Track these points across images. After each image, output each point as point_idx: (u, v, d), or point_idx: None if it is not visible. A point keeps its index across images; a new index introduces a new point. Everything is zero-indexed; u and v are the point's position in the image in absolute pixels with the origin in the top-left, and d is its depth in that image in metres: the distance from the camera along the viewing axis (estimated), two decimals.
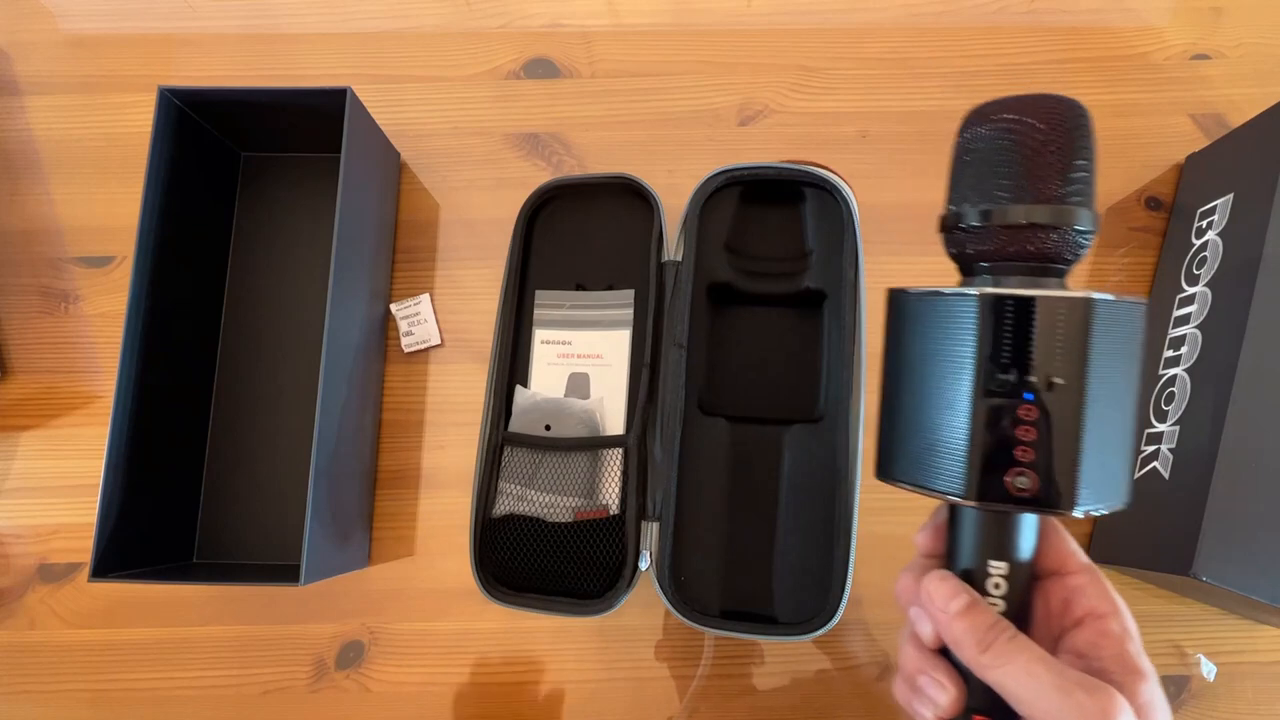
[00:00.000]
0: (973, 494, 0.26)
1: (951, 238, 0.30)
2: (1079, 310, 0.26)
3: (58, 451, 0.52)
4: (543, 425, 0.48)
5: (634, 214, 0.50)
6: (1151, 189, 0.55)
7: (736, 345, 0.50)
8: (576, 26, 0.57)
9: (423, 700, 0.50)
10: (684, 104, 0.56)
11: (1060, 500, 0.26)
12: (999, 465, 0.26)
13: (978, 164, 0.29)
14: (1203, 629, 0.50)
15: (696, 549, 0.46)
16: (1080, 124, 0.28)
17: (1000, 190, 0.28)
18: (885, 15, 0.57)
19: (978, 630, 0.27)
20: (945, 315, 0.28)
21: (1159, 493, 0.46)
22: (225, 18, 0.58)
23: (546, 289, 0.51)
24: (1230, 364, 0.43)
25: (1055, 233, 0.27)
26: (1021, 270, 0.28)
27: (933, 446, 0.27)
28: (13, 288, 0.54)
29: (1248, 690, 0.49)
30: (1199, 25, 0.57)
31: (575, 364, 0.50)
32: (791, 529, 0.46)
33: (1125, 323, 0.26)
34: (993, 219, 0.28)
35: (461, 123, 0.56)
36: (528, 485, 0.47)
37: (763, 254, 0.49)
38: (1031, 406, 0.26)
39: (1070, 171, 0.27)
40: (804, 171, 0.48)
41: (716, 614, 0.45)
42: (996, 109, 0.29)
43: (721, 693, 0.50)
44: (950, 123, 0.31)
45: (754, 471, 0.47)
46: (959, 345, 0.27)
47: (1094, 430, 0.26)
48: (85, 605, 0.51)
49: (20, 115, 0.57)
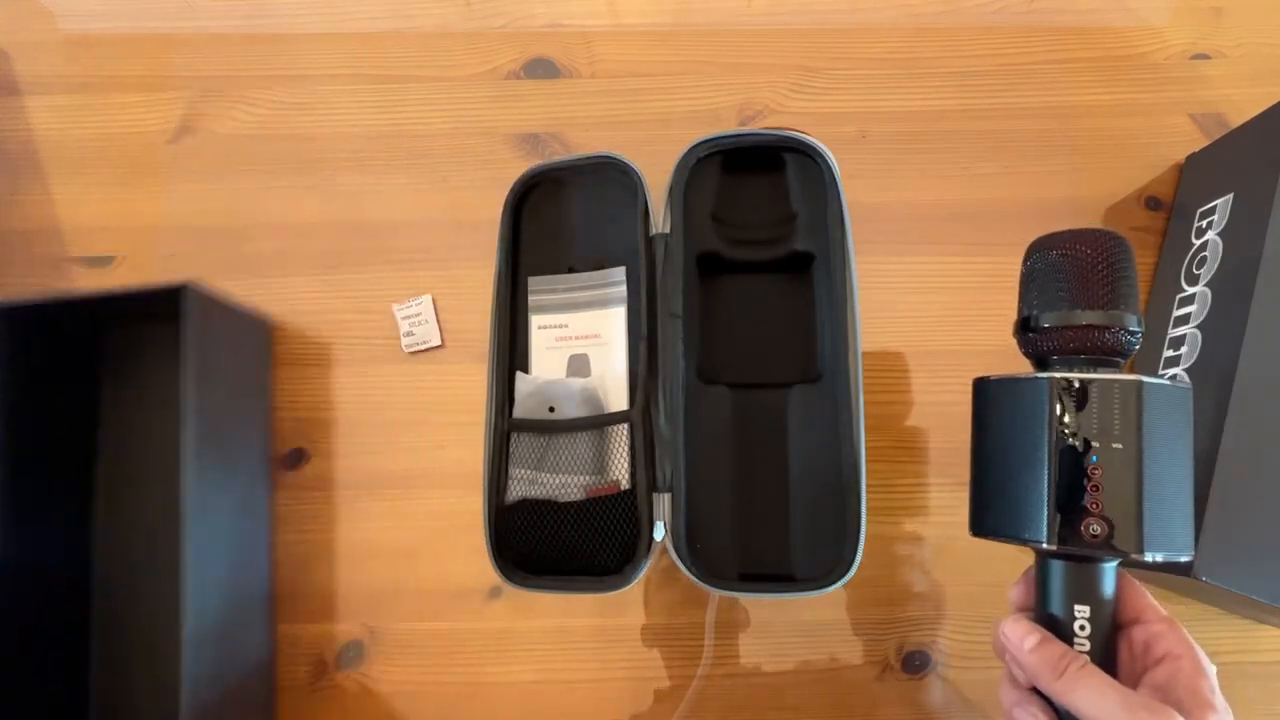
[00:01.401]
0: (1054, 540, 0.32)
1: (1025, 339, 0.36)
2: (1131, 389, 0.32)
3: None
4: (546, 408, 0.48)
5: (619, 192, 0.50)
6: (1151, 189, 0.55)
7: (730, 313, 0.50)
8: (576, 26, 0.57)
9: (423, 700, 0.50)
10: (684, 104, 0.56)
11: (1129, 544, 0.32)
12: (1075, 515, 0.32)
13: (1041, 280, 0.36)
14: (1203, 629, 0.50)
15: (710, 516, 0.47)
16: (1122, 248, 0.35)
17: (1061, 299, 0.35)
18: (885, 15, 0.57)
19: (1050, 660, 0.32)
20: (1024, 395, 0.34)
21: None
22: (225, 18, 0.58)
23: (539, 275, 0.51)
24: (1230, 364, 0.43)
25: (1108, 332, 0.34)
26: (1084, 362, 0.34)
27: (1020, 502, 0.34)
28: (13, 288, 0.54)
29: (1248, 690, 0.49)
30: (1199, 25, 0.57)
31: (574, 345, 0.50)
32: (801, 488, 0.47)
33: (1172, 400, 0.33)
34: (1058, 320, 0.35)
35: (461, 123, 0.56)
36: (538, 469, 0.47)
37: (749, 221, 0.50)
38: (1098, 467, 0.32)
39: (1116, 284, 0.34)
40: (784, 136, 0.48)
41: (735, 578, 0.46)
42: (1055, 240, 0.36)
43: (721, 692, 0.50)
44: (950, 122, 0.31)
45: (759, 435, 0.48)
46: (1036, 418, 0.33)
47: (1152, 485, 0.32)
48: None
49: (20, 115, 0.57)
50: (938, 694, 0.50)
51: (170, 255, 0.54)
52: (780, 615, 0.50)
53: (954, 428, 0.52)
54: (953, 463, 0.52)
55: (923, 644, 0.50)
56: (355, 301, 0.54)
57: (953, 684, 0.50)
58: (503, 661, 0.50)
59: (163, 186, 0.55)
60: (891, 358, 0.53)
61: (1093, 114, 0.56)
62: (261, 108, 0.56)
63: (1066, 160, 0.55)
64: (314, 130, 0.56)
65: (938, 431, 0.52)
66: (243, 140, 0.56)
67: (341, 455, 0.52)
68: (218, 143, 0.56)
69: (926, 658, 0.50)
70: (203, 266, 0.54)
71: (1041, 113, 0.55)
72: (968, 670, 0.50)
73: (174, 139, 0.56)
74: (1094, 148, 0.55)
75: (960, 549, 0.51)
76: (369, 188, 0.55)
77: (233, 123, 0.56)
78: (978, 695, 0.50)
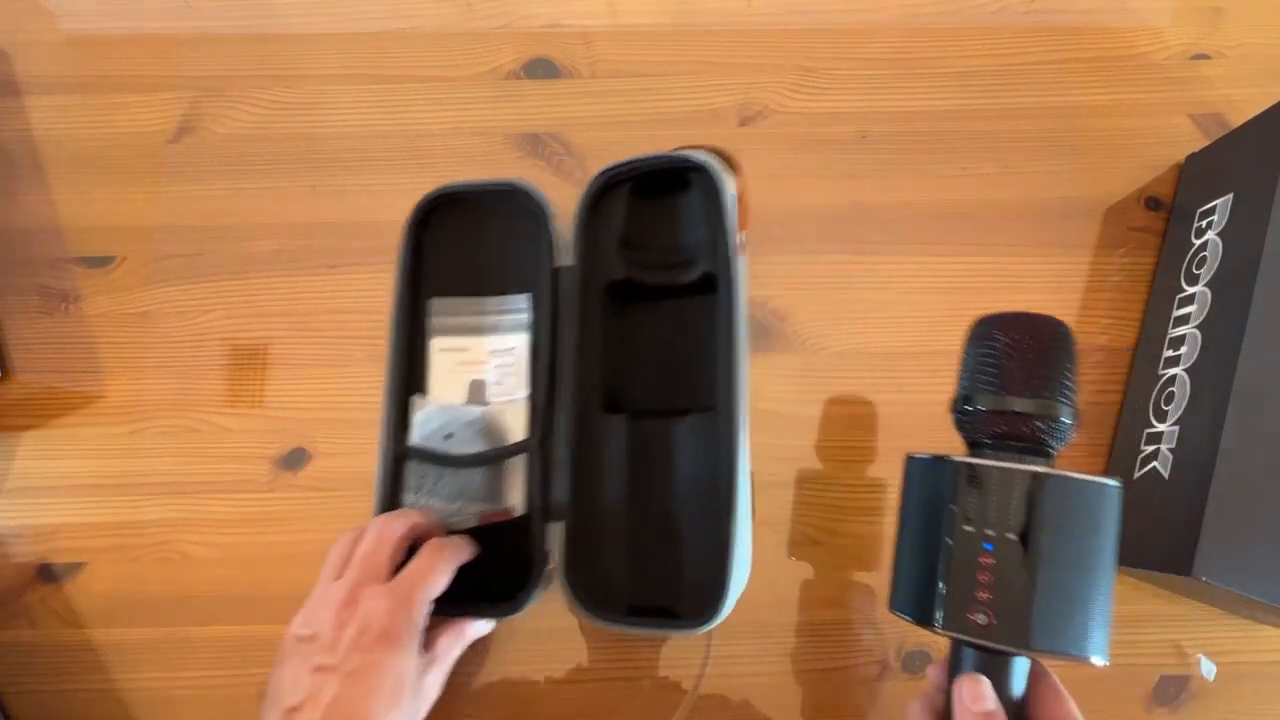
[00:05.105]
0: (943, 625, 0.33)
1: (956, 419, 0.36)
2: (1026, 480, 0.32)
3: (58, 451, 0.52)
4: (443, 435, 0.48)
5: (530, 218, 0.49)
6: (1151, 189, 0.55)
7: (642, 340, 0.49)
8: (576, 27, 0.57)
9: None
10: (684, 104, 0.56)
11: (1013, 639, 0.31)
12: (965, 603, 0.32)
13: (974, 361, 0.36)
14: (1203, 629, 0.50)
15: (602, 547, 0.46)
16: (1059, 336, 0.35)
17: (991, 383, 0.34)
18: (885, 15, 0.57)
19: None
20: (933, 477, 0.35)
21: (1159, 493, 0.46)
22: (225, 18, 0.58)
23: (442, 296, 0.50)
24: (1230, 364, 0.43)
25: (1035, 421, 0.34)
26: (1014, 449, 0.34)
27: (920, 583, 0.34)
28: (13, 288, 0.54)
29: (1248, 690, 0.49)
30: (1199, 25, 0.57)
31: (474, 370, 0.49)
32: (691, 521, 0.46)
33: (1085, 495, 0.32)
34: (985, 404, 0.35)
35: (462, 123, 0.56)
36: (430, 495, 0.47)
37: (659, 246, 0.49)
38: (990, 556, 0.32)
39: (1049, 372, 0.34)
40: (681, 158, 0.47)
41: (624, 611, 0.45)
42: (994, 320, 0.36)
43: (721, 693, 0.50)
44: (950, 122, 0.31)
45: (655, 465, 0.47)
46: (940, 501, 0.34)
47: (1046, 581, 0.31)
48: (85, 605, 0.51)
49: (20, 115, 0.57)
50: None
51: (170, 255, 0.54)
52: (779, 616, 0.50)
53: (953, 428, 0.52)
54: None
55: (923, 644, 0.50)
56: (355, 301, 0.54)
57: None
58: (498, 661, 0.50)
59: (163, 186, 0.55)
60: (891, 358, 0.53)
61: (1093, 114, 0.56)
62: (261, 108, 0.56)
63: (1066, 160, 0.55)
64: (314, 130, 0.56)
65: (937, 432, 0.51)
66: (243, 140, 0.56)
67: (341, 455, 0.52)
68: (218, 143, 0.56)
69: (927, 658, 0.50)
70: (203, 266, 0.54)
71: (1041, 113, 0.55)
72: None
73: (174, 139, 0.56)
74: (1094, 148, 0.55)
75: None
76: (369, 188, 0.55)
77: (233, 123, 0.56)
78: None
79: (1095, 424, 0.52)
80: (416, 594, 0.40)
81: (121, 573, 0.51)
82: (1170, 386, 0.48)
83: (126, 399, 0.53)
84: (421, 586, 0.40)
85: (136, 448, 0.52)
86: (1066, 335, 0.35)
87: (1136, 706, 0.49)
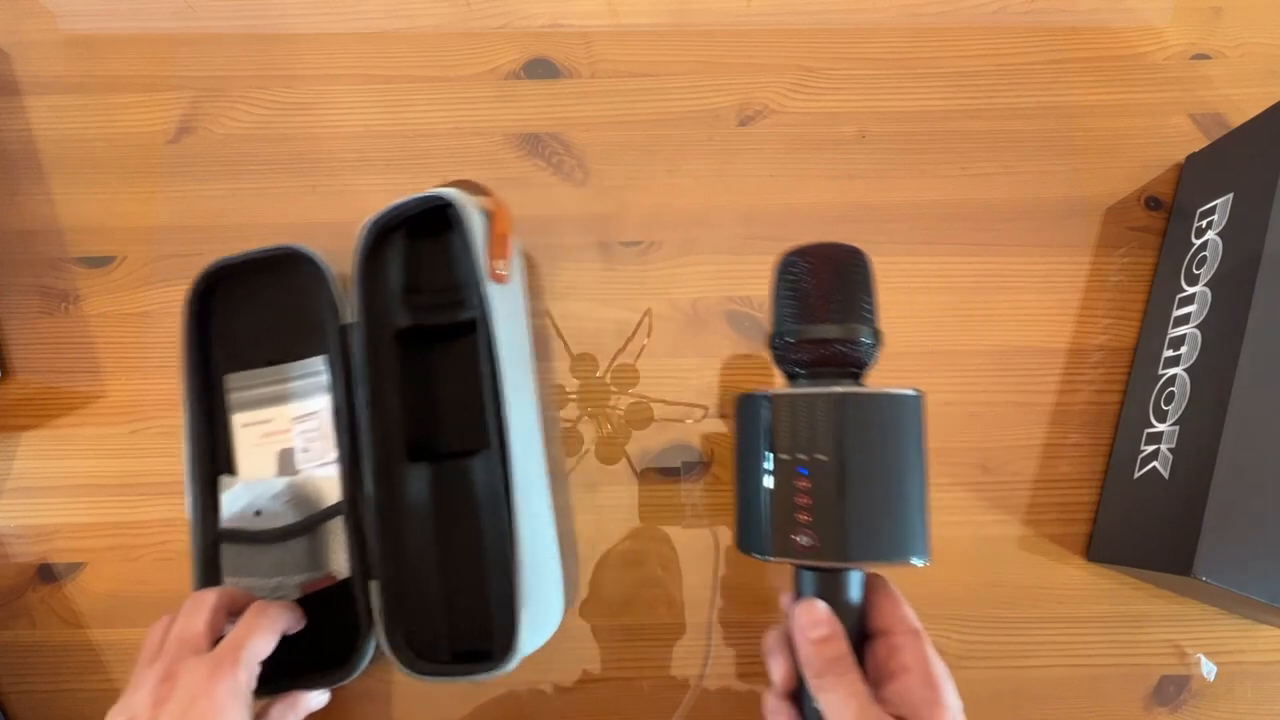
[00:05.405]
0: (772, 553, 0.34)
1: (772, 353, 0.37)
2: (830, 401, 0.33)
3: (58, 451, 0.52)
4: (252, 513, 0.47)
5: (314, 279, 0.48)
6: (1151, 189, 0.55)
7: (437, 384, 0.49)
8: (576, 27, 0.57)
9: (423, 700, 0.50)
10: (684, 104, 0.56)
11: (835, 554, 0.33)
12: (789, 528, 0.33)
13: (781, 293, 0.37)
14: (1203, 629, 0.50)
15: (418, 598, 0.46)
16: (856, 260, 0.36)
17: (797, 313, 0.35)
18: (885, 15, 0.57)
19: (823, 658, 0.33)
20: (752, 411, 0.35)
21: (1159, 493, 0.46)
22: (225, 17, 0.58)
23: (236, 371, 0.50)
24: (1230, 364, 0.43)
25: (842, 345, 0.35)
26: (825, 374, 0.35)
27: (749, 517, 0.35)
28: (13, 288, 0.54)
29: (1248, 690, 0.49)
30: (1199, 25, 0.57)
31: (280, 440, 0.49)
32: (492, 561, 0.46)
33: (885, 409, 0.34)
34: (794, 334, 0.35)
35: (462, 123, 0.56)
36: (249, 575, 0.46)
37: (439, 286, 0.49)
38: (805, 479, 0.33)
39: (848, 296, 0.35)
40: (429, 197, 0.46)
41: (448, 659, 0.45)
42: (796, 253, 0.36)
43: (721, 693, 0.50)
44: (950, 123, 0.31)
45: (459, 508, 0.47)
46: (758, 435, 0.35)
47: (858, 495, 0.33)
48: (85, 605, 0.51)
49: (20, 115, 0.57)
50: None
51: (170, 255, 0.54)
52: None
53: (954, 428, 0.52)
54: (952, 463, 0.52)
55: None
56: None
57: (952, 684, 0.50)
58: None
59: (163, 186, 0.55)
60: (892, 358, 0.52)
61: (1092, 114, 0.56)
62: (261, 108, 0.56)
63: (1066, 160, 0.55)
64: (314, 130, 0.56)
65: (937, 431, 0.52)
66: (243, 140, 0.56)
67: None
68: (218, 143, 0.56)
69: None
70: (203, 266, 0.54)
71: (1041, 113, 0.55)
72: (968, 670, 0.50)
73: (174, 139, 0.56)
74: (1094, 148, 0.55)
75: (960, 549, 0.51)
76: (369, 188, 0.55)
77: (233, 123, 0.56)
78: (979, 695, 0.50)
79: (1095, 424, 0.52)
80: (240, 654, 0.38)
81: (121, 573, 0.51)
82: (1170, 386, 0.48)
83: (126, 399, 0.53)
84: (244, 647, 0.38)
85: (136, 448, 0.52)
86: (860, 260, 0.36)
87: (1136, 706, 0.49)
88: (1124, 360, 0.53)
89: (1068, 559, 0.51)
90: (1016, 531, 0.51)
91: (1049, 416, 0.52)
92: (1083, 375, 0.53)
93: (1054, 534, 0.51)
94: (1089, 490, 0.51)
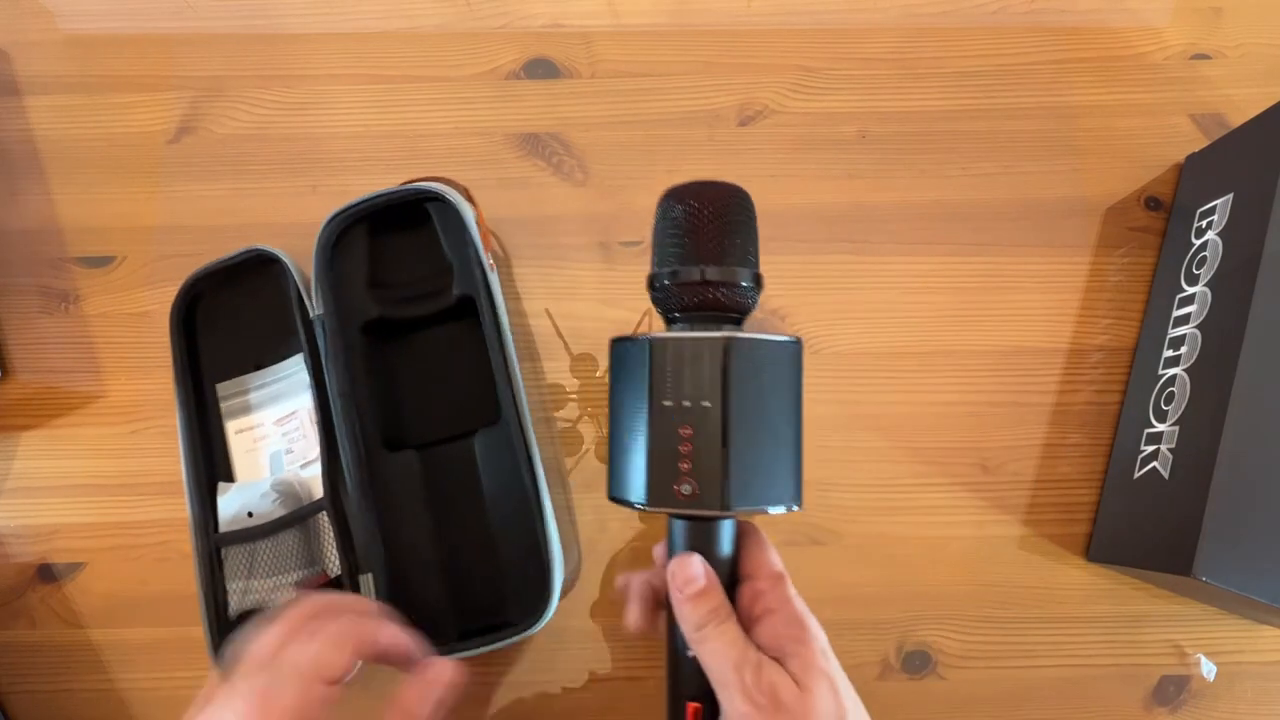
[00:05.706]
0: (650, 501, 0.32)
1: (651, 296, 0.35)
2: (717, 346, 0.32)
3: (58, 451, 0.52)
4: (245, 514, 0.48)
5: (278, 277, 0.49)
6: (1151, 189, 0.55)
7: (410, 374, 0.50)
8: (576, 27, 0.57)
9: None
10: (684, 104, 0.56)
11: (714, 503, 0.32)
12: (669, 476, 0.32)
13: (660, 235, 0.35)
14: (1203, 629, 0.50)
15: (417, 584, 0.47)
16: (737, 200, 0.34)
17: (676, 255, 0.34)
18: (885, 15, 0.57)
19: (699, 612, 0.33)
20: (631, 357, 0.34)
21: (1159, 493, 0.46)
22: (225, 17, 0.58)
23: (227, 379, 0.51)
24: (1230, 364, 0.43)
25: (722, 288, 0.33)
26: (705, 318, 0.34)
27: (625, 465, 0.34)
28: (13, 288, 0.54)
29: (1248, 690, 0.49)
30: (1199, 25, 0.57)
31: (270, 444, 0.50)
32: (501, 532, 0.47)
33: (766, 355, 0.33)
34: (672, 277, 0.34)
35: (462, 123, 0.56)
36: (249, 577, 0.47)
37: (409, 279, 0.50)
38: (687, 426, 0.32)
39: (727, 238, 0.34)
40: (414, 190, 0.48)
41: (455, 637, 0.46)
42: (674, 193, 0.35)
43: None
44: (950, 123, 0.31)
45: (454, 490, 0.48)
46: (638, 380, 0.33)
47: (740, 443, 0.32)
48: (85, 605, 0.51)
49: (20, 115, 0.57)
50: (938, 694, 0.50)
51: (170, 255, 0.54)
52: None
53: (954, 427, 0.52)
54: (953, 462, 0.52)
55: (923, 644, 0.50)
56: None
57: (953, 684, 0.50)
58: (495, 661, 0.50)
59: (163, 186, 0.55)
60: (892, 358, 0.53)
61: (1092, 114, 0.56)
62: (261, 108, 0.56)
63: (1066, 160, 0.55)
64: (314, 130, 0.56)
65: (937, 431, 0.52)
66: (243, 140, 0.56)
67: None
68: (218, 143, 0.56)
69: (926, 658, 0.50)
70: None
71: (1041, 113, 0.55)
72: (968, 670, 0.50)
73: (174, 139, 0.56)
74: (1094, 148, 0.55)
75: (960, 549, 0.51)
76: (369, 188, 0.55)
77: (233, 123, 0.56)
78: (979, 695, 0.50)
79: (1095, 424, 0.52)
80: None
81: (121, 573, 0.51)
82: (1170, 386, 0.48)
83: (126, 399, 0.53)
84: None
85: (136, 448, 0.52)
86: (743, 200, 0.35)
87: (1136, 706, 0.49)
88: (1124, 360, 0.53)
89: (1068, 559, 0.51)
90: (1016, 531, 0.51)
91: (1049, 416, 0.52)
92: (1083, 375, 0.53)
93: (1054, 534, 0.51)
94: (1089, 490, 0.51)
